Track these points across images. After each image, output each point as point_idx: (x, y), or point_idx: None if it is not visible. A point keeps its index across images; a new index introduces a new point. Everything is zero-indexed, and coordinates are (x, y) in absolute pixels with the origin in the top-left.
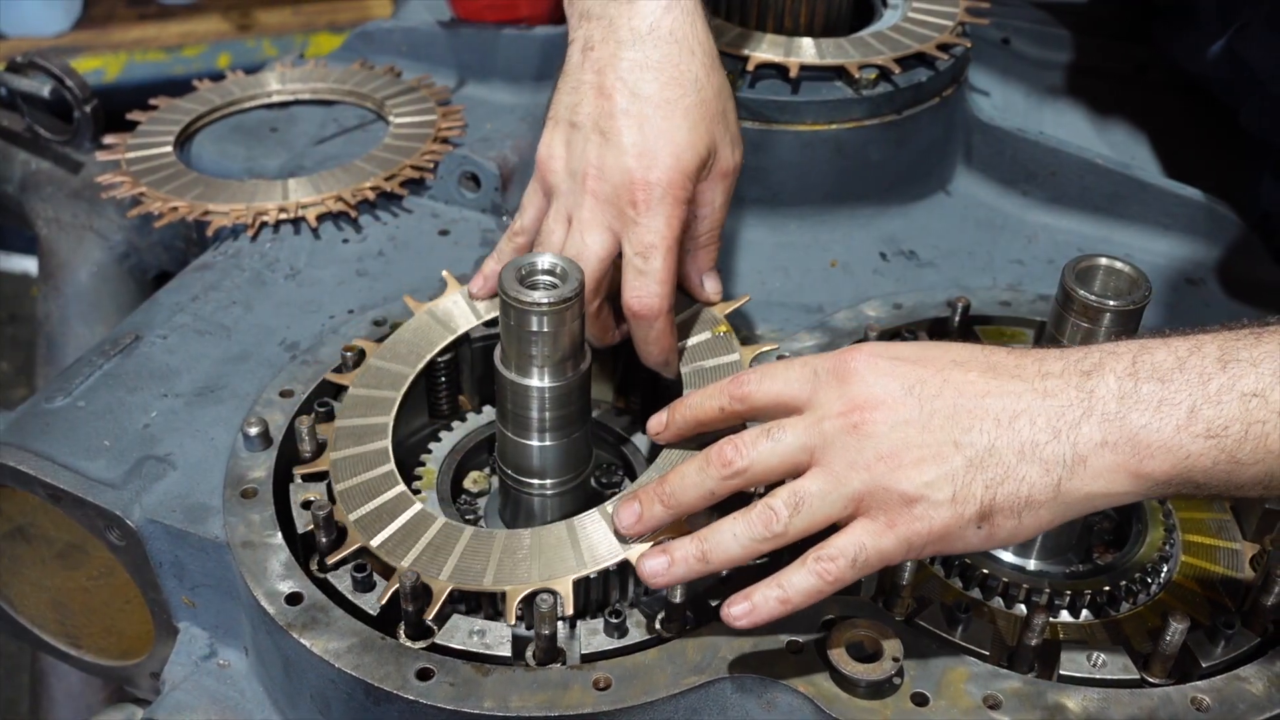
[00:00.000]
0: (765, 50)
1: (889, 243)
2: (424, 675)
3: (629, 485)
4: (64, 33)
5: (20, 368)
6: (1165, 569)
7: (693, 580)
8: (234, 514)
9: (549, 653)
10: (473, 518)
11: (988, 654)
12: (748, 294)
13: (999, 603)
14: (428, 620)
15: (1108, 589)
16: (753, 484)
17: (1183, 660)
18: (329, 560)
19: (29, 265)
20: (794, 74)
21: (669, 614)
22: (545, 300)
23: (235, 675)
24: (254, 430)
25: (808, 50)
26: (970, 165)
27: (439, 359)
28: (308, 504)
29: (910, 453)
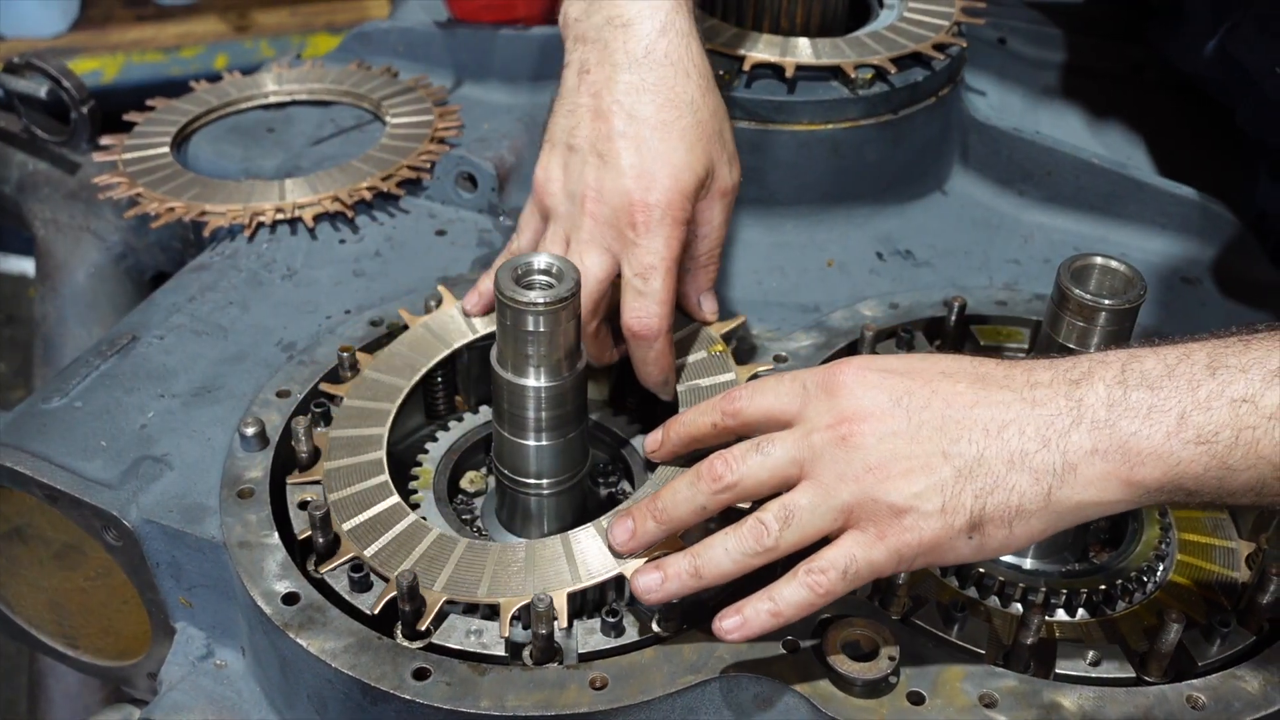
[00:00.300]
0: (761, 50)
1: (885, 242)
2: (421, 675)
3: (625, 485)
4: (61, 34)
5: (18, 369)
6: (1161, 568)
7: (686, 596)
8: (231, 514)
9: (546, 652)
10: (469, 518)
11: (984, 653)
12: (743, 315)
13: (995, 602)
14: (422, 629)
15: (1104, 588)
16: (743, 498)
17: (1178, 659)
18: (322, 569)
19: (26, 266)
20: (790, 74)
21: (665, 614)
22: (541, 300)
23: (232, 675)
24: (251, 430)
25: (804, 50)
26: (966, 165)
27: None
28: (304, 504)
29: (898, 464)
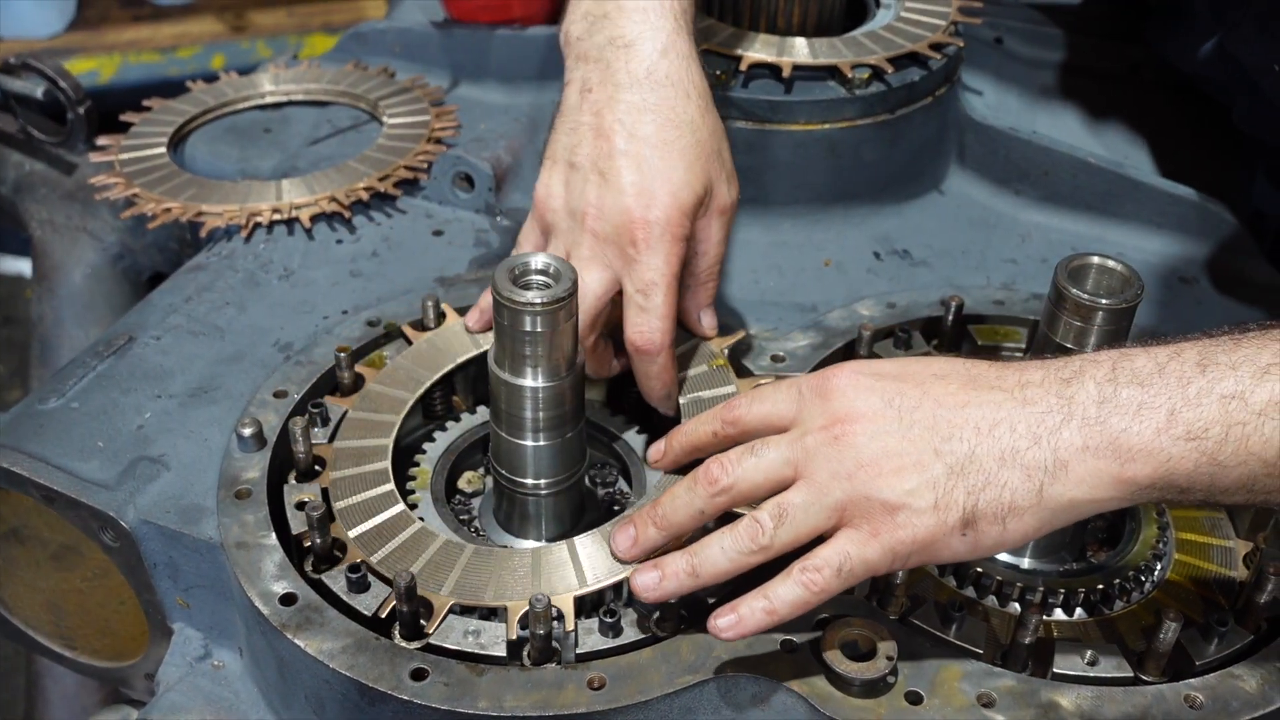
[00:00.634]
0: (758, 50)
1: (882, 242)
2: (419, 675)
3: (622, 485)
4: (58, 34)
5: (14, 370)
6: (1159, 567)
7: (684, 595)
8: (228, 515)
9: (544, 652)
10: (467, 518)
11: (982, 652)
12: (744, 330)
13: (993, 601)
14: (429, 633)
15: (1101, 587)
16: (740, 501)
17: (1176, 658)
18: (323, 571)
19: (22, 266)
20: (787, 74)
21: (663, 613)
22: (539, 300)
23: (230, 676)
24: (248, 431)
25: (801, 50)
26: (963, 164)
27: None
28: (301, 505)
29: (890, 461)
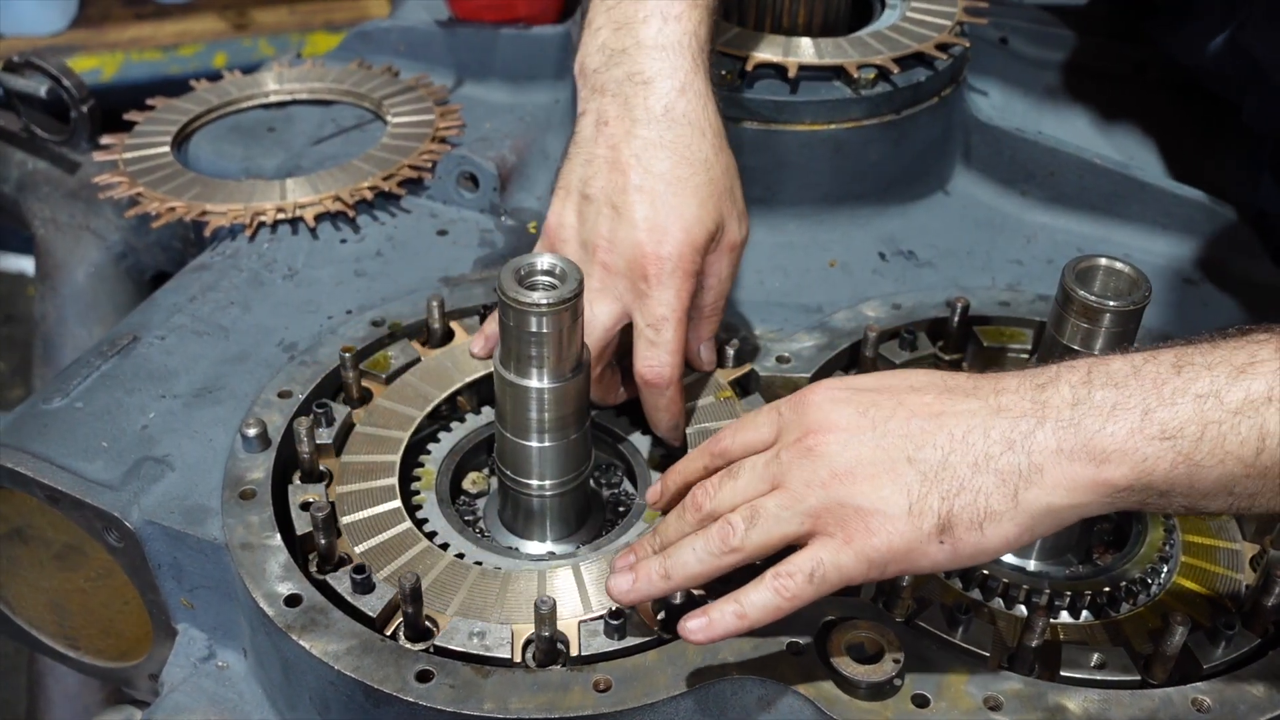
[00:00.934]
0: (764, 50)
1: (888, 243)
2: (424, 677)
3: (627, 486)
4: (60, 32)
5: (16, 368)
6: (1165, 570)
7: (658, 598)
8: (233, 515)
9: (549, 654)
10: (471, 519)
11: (988, 655)
12: (749, 364)
13: (999, 604)
14: (432, 646)
15: (1108, 590)
16: None
17: (1183, 661)
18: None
19: (24, 264)
20: (793, 74)
21: (668, 615)
22: (545, 301)
23: (234, 677)
24: (252, 431)
25: (806, 50)
26: (969, 165)
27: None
28: (306, 505)
29: (864, 469)
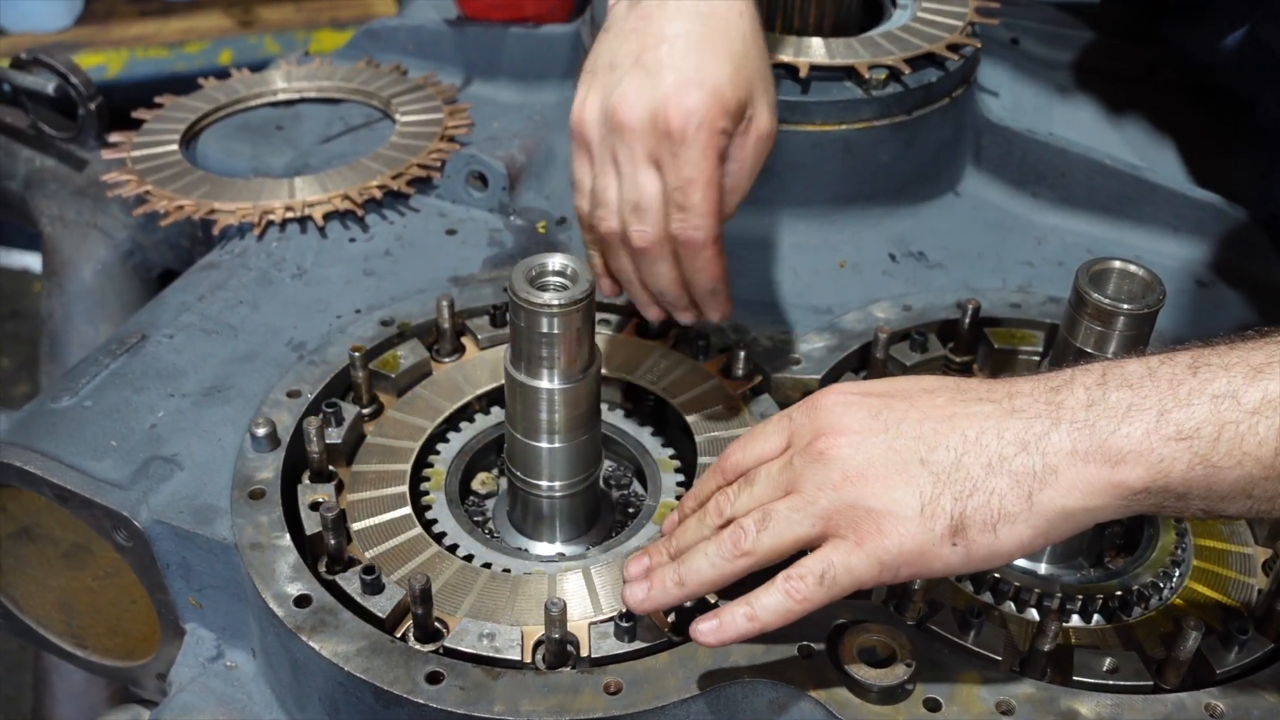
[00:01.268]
0: (775, 50)
1: (898, 244)
2: (434, 679)
3: (637, 487)
4: (66, 28)
5: (21, 364)
6: (1177, 573)
7: (673, 605)
8: (242, 515)
9: (559, 656)
10: (480, 519)
11: (1000, 659)
12: (760, 376)
13: (1010, 607)
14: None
15: (1120, 594)
16: None
17: (1196, 666)
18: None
19: (29, 261)
20: (804, 74)
21: (679, 617)
22: (556, 302)
23: (243, 677)
24: (261, 431)
25: (817, 50)
26: (979, 166)
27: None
28: (316, 506)
29: (876, 470)
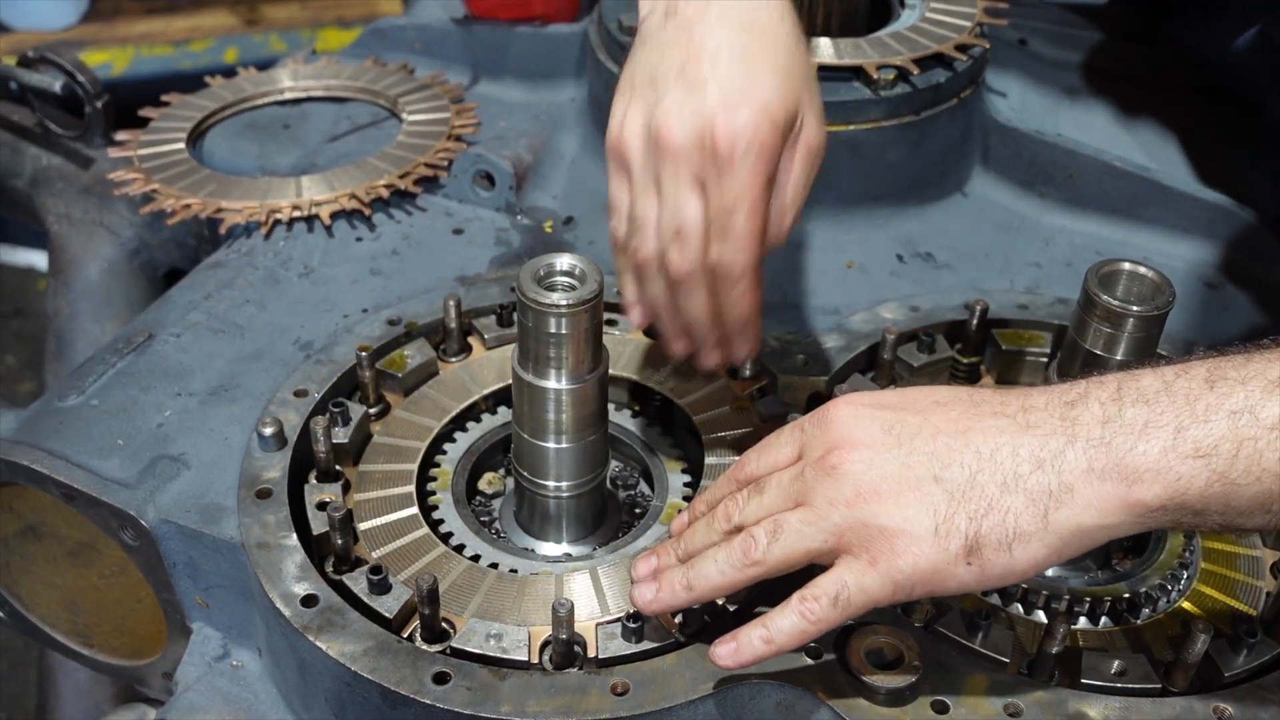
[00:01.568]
0: None
1: (906, 244)
2: (441, 679)
3: (644, 488)
4: (71, 26)
5: (26, 362)
6: (1185, 576)
7: (681, 608)
8: (249, 515)
9: (566, 657)
10: (487, 519)
11: (1008, 661)
12: (767, 376)
13: (1018, 609)
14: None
15: (1128, 596)
16: None
17: (1204, 669)
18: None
19: (33, 259)
20: None
21: (687, 619)
22: (564, 302)
23: (249, 676)
24: (268, 430)
25: (825, 50)
26: (987, 167)
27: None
28: (323, 505)
29: (889, 486)
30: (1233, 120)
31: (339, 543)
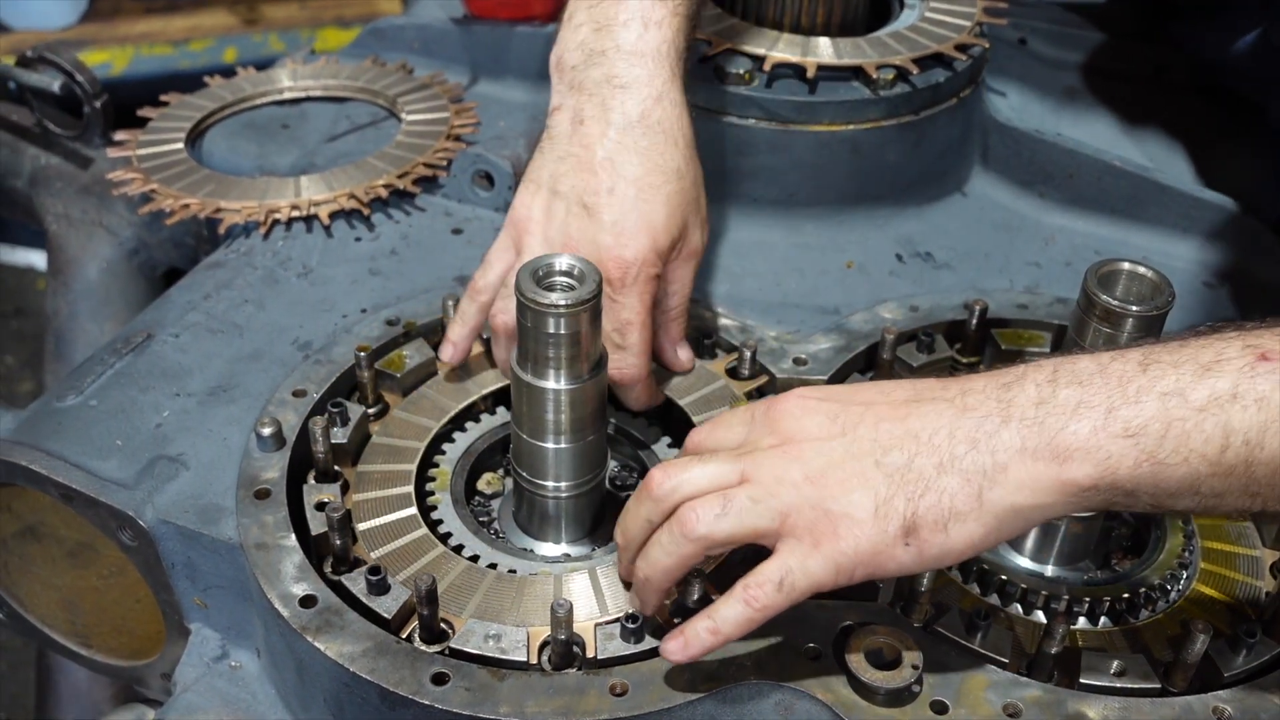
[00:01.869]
0: (782, 49)
1: (905, 244)
2: (439, 680)
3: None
4: (71, 26)
5: (25, 362)
6: (1184, 576)
7: (653, 601)
8: (247, 515)
9: (565, 657)
10: (486, 520)
11: (1007, 661)
12: (765, 375)
13: (1017, 609)
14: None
15: (1127, 596)
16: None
17: (1203, 669)
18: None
19: (33, 258)
20: (811, 74)
21: (685, 618)
22: (563, 302)
23: (247, 677)
24: (267, 430)
25: (825, 50)
26: (987, 166)
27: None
28: (321, 506)
29: (834, 473)
30: (1233, 120)
31: (337, 543)
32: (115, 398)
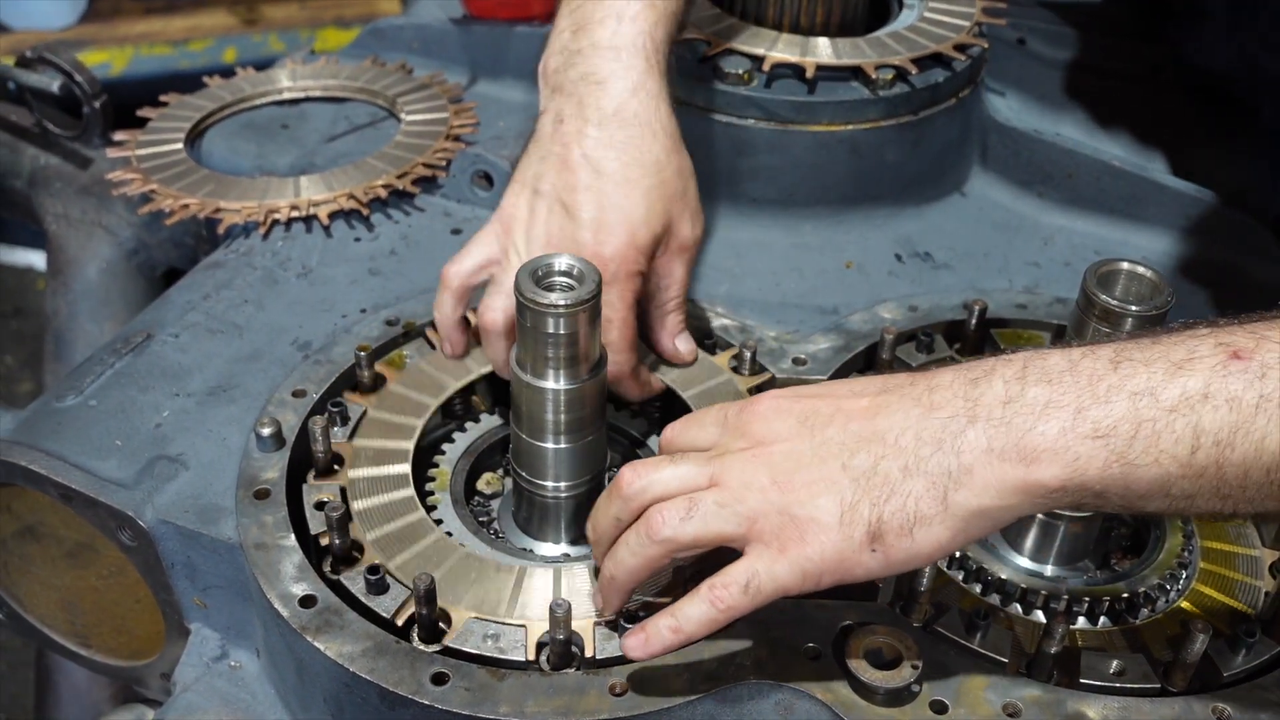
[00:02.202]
0: (781, 50)
1: (904, 244)
2: (439, 680)
3: None
4: (70, 26)
5: (24, 362)
6: (1184, 576)
7: (617, 601)
8: (247, 515)
9: (564, 657)
10: (485, 519)
11: (1007, 661)
12: (769, 372)
13: (1017, 609)
14: (447, 643)
15: (1126, 596)
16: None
17: (1203, 669)
18: (342, 573)
19: (32, 258)
20: (810, 74)
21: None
22: (562, 302)
23: (247, 677)
24: (267, 431)
25: (824, 50)
26: (986, 166)
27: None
28: (321, 505)
29: (801, 476)
30: (1232, 120)
31: (337, 543)
32: (115, 398)
